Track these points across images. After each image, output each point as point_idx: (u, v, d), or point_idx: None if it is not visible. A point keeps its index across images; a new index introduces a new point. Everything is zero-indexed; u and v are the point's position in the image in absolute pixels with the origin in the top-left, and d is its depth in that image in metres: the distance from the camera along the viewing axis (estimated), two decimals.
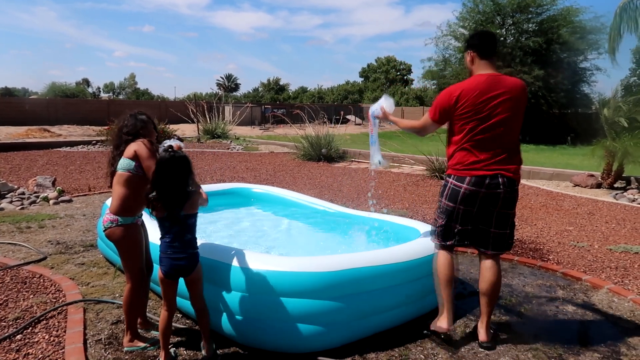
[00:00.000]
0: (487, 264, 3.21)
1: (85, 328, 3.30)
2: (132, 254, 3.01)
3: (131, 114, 3.07)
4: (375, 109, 3.84)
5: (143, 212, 3.14)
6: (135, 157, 2.90)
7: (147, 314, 3.39)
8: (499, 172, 3.04)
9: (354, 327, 3.11)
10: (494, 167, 3.04)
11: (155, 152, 2.94)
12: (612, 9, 11.62)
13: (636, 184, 9.87)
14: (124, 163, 2.92)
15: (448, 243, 3.24)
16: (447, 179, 3.22)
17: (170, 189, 2.71)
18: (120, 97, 75.60)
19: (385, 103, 3.81)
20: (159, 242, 3.55)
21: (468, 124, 3.08)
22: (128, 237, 2.97)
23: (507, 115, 3.04)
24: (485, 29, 18.16)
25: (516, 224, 3.45)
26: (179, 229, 2.78)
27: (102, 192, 8.40)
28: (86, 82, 75.19)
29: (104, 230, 2.98)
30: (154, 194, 2.71)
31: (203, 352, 2.98)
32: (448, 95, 3.14)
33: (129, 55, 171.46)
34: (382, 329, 3.27)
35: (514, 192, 3.11)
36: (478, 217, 3.16)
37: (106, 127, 17.15)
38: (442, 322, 3.20)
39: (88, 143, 16.96)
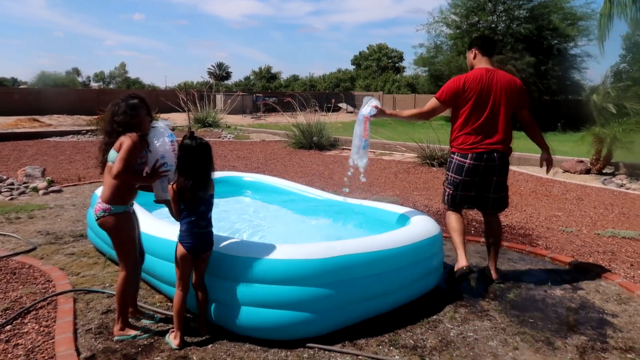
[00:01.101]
0: (489, 219, 4.10)
1: (75, 318, 3.29)
2: (126, 243, 3.00)
3: (123, 99, 2.99)
4: (367, 111, 3.83)
5: (134, 202, 3.13)
6: None
7: (138, 303, 3.39)
8: (494, 148, 3.77)
9: (344, 314, 3.13)
10: (490, 145, 3.76)
11: (137, 150, 2.88)
12: None
13: (624, 169, 9.96)
14: (113, 155, 2.88)
15: (457, 208, 4.00)
16: (452, 156, 3.93)
17: (203, 173, 2.93)
18: (111, 86, 74.90)
19: (374, 103, 3.84)
20: (150, 232, 3.57)
21: (469, 109, 3.75)
22: (121, 226, 2.96)
23: (499, 104, 3.74)
24: (486, 34, 18.33)
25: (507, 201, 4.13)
26: (205, 209, 2.97)
27: (92, 182, 8.36)
28: (76, 71, 74.47)
29: (97, 219, 2.97)
30: (188, 181, 2.84)
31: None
32: (457, 81, 3.82)
33: (119, 43, 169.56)
34: (372, 315, 3.30)
35: (506, 163, 3.88)
36: (479, 185, 3.90)
37: (96, 117, 16.98)
38: (460, 262, 3.82)
39: (78, 133, 16.81)
